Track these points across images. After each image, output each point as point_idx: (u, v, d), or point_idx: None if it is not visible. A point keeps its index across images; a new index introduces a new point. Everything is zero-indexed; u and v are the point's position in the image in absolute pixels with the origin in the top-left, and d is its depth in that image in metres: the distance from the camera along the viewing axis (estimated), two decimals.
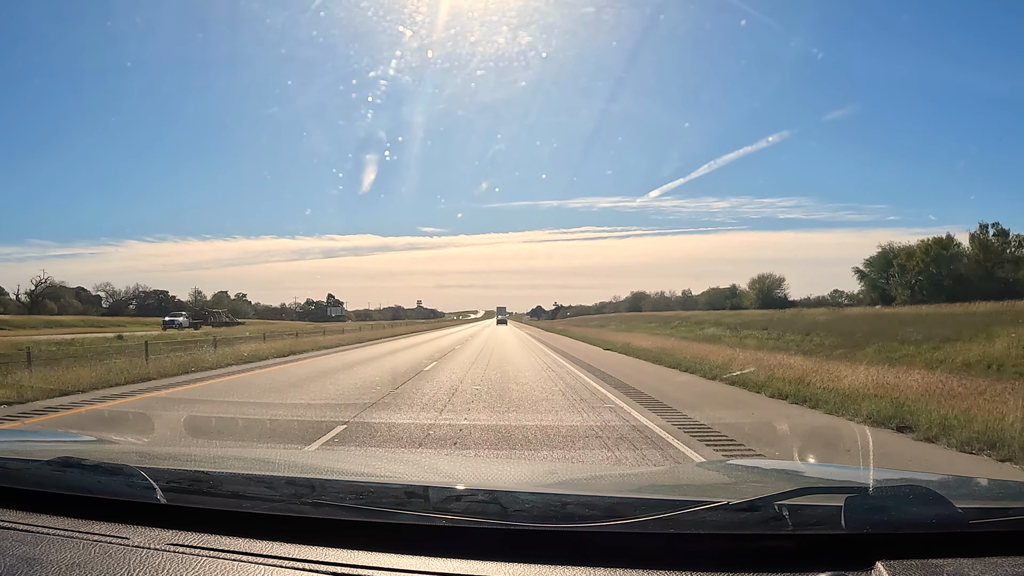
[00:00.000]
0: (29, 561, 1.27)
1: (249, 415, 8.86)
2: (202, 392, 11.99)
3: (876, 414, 8.34)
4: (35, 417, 8.80)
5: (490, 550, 1.29)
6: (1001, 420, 7.24)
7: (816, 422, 8.70)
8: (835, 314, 43.09)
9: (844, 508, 1.26)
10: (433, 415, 8.94)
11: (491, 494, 1.42)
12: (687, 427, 8.08)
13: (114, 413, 9.20)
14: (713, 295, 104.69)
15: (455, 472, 2.38)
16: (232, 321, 77.07)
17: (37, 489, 1.60)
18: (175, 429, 7.42)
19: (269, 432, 7.73)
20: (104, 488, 1.56)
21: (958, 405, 8.41)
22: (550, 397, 11.15)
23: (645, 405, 10.07)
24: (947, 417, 7.67)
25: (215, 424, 8.15)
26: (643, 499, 1.43)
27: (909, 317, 31.91)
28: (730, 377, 13.57)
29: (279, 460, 2.36)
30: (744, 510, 1.29)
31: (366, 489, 1.51)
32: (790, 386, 11.40)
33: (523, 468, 3.10)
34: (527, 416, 8.96)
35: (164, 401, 10.47)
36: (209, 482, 1.57)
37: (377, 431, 7.66)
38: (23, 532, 1.42)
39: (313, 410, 9.32)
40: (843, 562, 1.22)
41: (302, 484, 1.54)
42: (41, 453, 1.89)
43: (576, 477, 2.28)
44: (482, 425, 8.08)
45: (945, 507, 1.29)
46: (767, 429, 8.01)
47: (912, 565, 1.20)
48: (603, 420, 8.61)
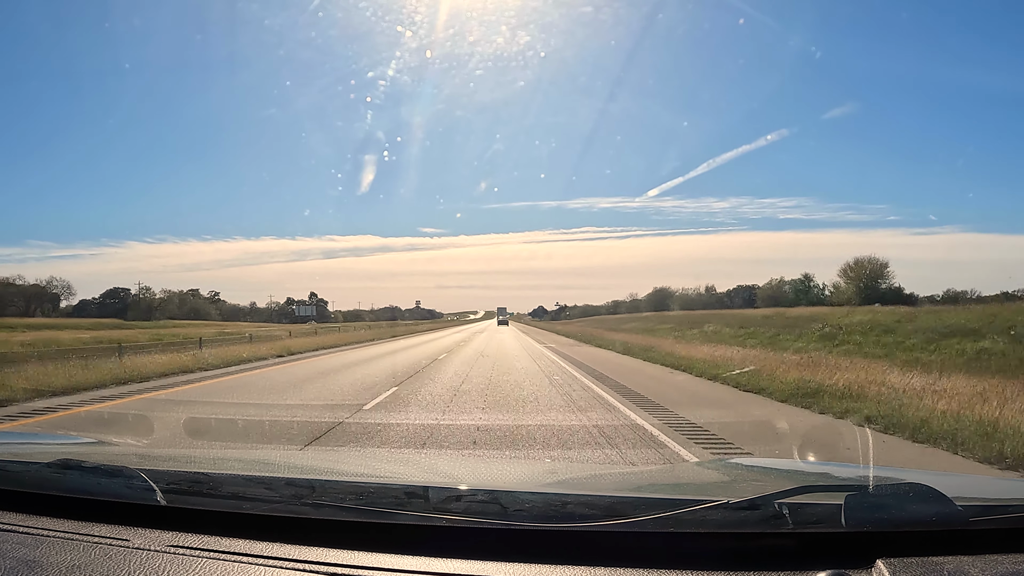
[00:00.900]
0: (29, 563, 1.27)
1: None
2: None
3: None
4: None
5: (490, 550, 1.29)
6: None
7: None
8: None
9: (844, 506, 1.26)
10: None
11: (491, 494, 1.42)
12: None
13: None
14: (772, 290, 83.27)
15: (455, 472, 2.38)
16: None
17: (37, 491, 1.60)
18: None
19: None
20: (104, 490, 1.56)
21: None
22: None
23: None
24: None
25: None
26: (643, 498, 1.43)
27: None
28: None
29: (279, 461, 2.36)
30: (744, 509, 1.29)
31: (366, 490, 1.51)
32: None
33: (523, 468, 3.10)
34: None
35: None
36: (209, 483, 1.57)
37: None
38: (23, 534, 1.42)
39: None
40: (844, 560, 1.22)
41: (302, 485, 1.54)
42: (41, 455, 1.89)
43: (576, 476, 2.28)
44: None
45: (945, 505, 1.30)
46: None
47: (912, 563, 1.20)
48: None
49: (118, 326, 68.65)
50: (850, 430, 7.84)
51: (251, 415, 9.23)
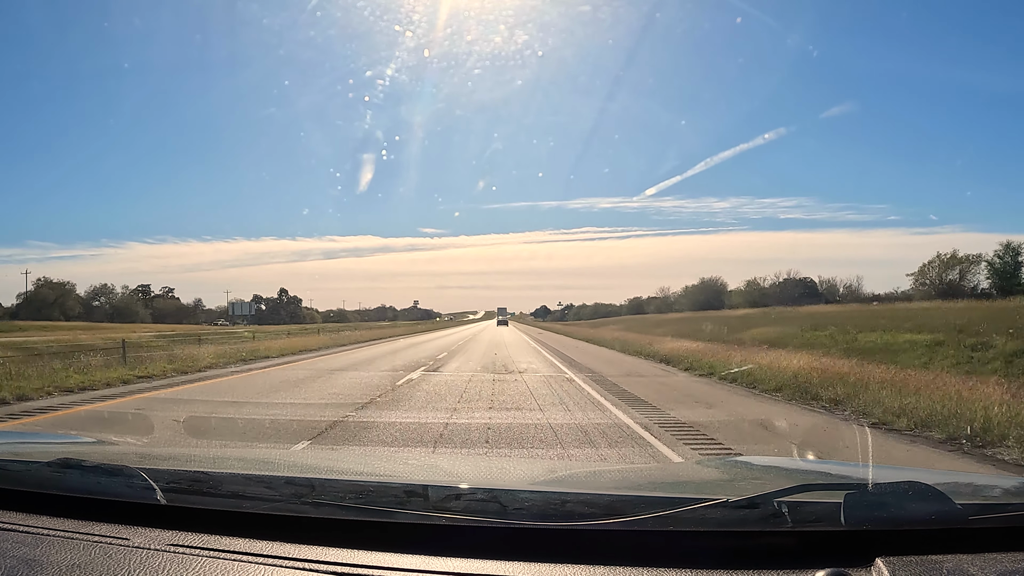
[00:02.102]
0: (29, 563, 1.27)
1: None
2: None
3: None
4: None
5: (490, 549, 1.29)
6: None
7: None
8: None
9: (844, 505, 1.26)
10: None
11: (491, 493, 1.42)
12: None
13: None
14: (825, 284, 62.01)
15: (455, 471, 2.38)
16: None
17: (37, 490, 1.60)
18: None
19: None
20: (104, 489, 1.56)
21: None
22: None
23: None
24: None
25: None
26: (643, 497, 1.43)
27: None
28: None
29: (279, 460, 2.37)
30: (744, 507, 1.29)
31: (366, 488, 1.51)
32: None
33: (523, 466, 3.10)
34: None
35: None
36: (209, 482, 1.57)
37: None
38: (23, 533, 1.42)
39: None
40: (843, 559, 1.22)
41: (302, 484, 1.54)
42: (41, 455, 1.89)
43: (575, 475, 2.28)
44: None
45: (944, 503, 1.30)
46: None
47: (912, 561, 1.20)
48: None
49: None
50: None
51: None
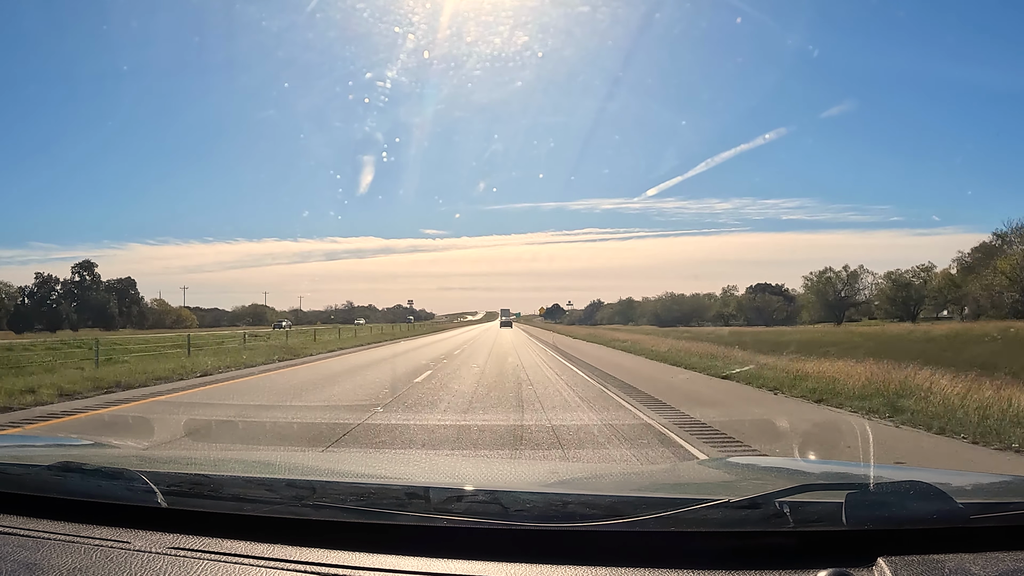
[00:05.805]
0: (30, 566, 1.27)
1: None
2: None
3: None
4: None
5: (491, 550, 1.29)
6: None
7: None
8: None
9: (845, 504, 1.26)
10: None
11: (492, 494, 1.42)
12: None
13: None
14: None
15: (456, 472, 2.38)
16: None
17: (38, 494, 1.60)
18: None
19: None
20: (105, 492, 1.55)
21: None
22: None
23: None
24: None
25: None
26: (644, 498, 1.43)
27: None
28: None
29: (280, 463, 2.37)
30: (745, 508, 1.29)
31: (367, 490, 1.51)
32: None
33: (524, 468, 3.10)
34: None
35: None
36: (210, 485, 1.57)
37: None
38: (24, 537, 1.42)
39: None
40: (845, 558, 1.22)
41: (303, 486, 1.53)
42: (41, 458, 1.89)
43: (577, 476, 2.28)
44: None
45: (946, 502, 1.29)
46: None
47: (913, 560, 1.20)
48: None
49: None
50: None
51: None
